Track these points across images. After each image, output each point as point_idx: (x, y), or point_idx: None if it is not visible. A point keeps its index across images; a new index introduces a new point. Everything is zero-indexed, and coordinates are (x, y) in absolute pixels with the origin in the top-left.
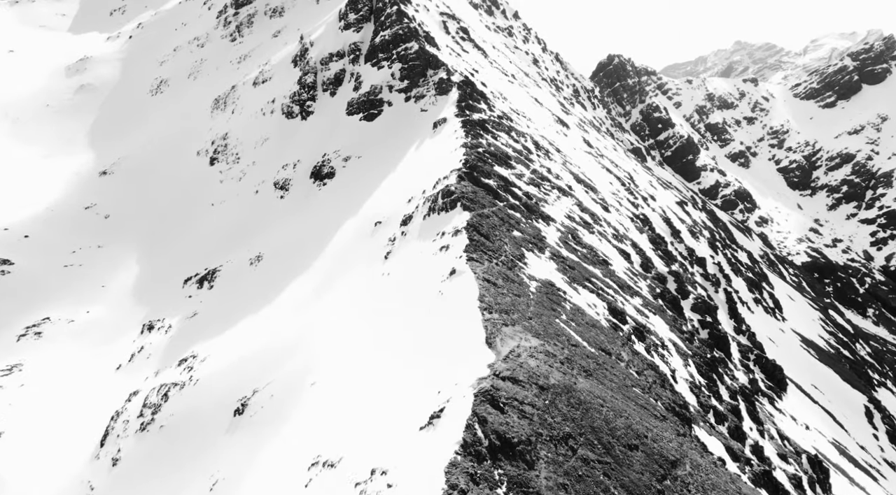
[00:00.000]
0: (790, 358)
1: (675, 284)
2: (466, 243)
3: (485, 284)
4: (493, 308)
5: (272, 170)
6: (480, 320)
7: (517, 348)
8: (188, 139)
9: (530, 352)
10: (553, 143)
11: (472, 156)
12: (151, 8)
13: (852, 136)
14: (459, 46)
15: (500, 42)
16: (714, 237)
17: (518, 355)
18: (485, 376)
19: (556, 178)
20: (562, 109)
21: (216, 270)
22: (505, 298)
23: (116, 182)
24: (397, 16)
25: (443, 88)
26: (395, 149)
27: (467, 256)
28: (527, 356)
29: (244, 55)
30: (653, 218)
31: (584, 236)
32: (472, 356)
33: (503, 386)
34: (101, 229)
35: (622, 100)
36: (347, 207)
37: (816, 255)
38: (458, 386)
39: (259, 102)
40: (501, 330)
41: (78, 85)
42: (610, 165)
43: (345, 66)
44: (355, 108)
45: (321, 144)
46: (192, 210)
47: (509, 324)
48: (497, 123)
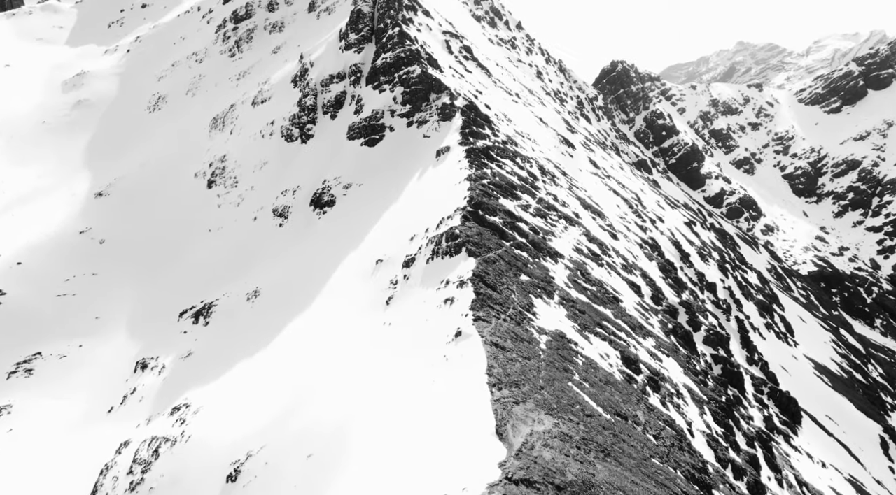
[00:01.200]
0: (804, 387)
1: (686, 315)
2: (472, 298)
3: (493, 350)
4: (502, 381)
5: (271, 196)
6: (489, 400)
7: (530, 437)
8: (186, 160)
9: (545, 440)
10: (559, 166)
11: (476, 190)
12: (150, 20)
13: (858, 143)
14: (463, 66)
15: (503, 56)
16: (723, 258)
17: (531, 447)
18: (496, 481)
19: (563, 206)
20: (567, 127)
21: (212, 305)
22: (514, 365)
23: (112, 204)
24: (399, 38)
25: (446, 114)
26: (397, 177)
27: (473, 315)
28: (541, 446)
29: (243, 72)
30: (661, 241)
31: (592, 270)
32: (481, 450)
33: (517, 492)
34: (96, 255)
35: (626, 107)
36: (348, 241)
37: (823, 264)
38: (465, 493)
39: (258, 123)
40: (512, 412)
41: (75, 100)
42: (617, 186)
43: (345, 89)
44: (356, 132)
45: (321, 170)
46: (189, 235)
47: (520, 402)
48: (501, 149)
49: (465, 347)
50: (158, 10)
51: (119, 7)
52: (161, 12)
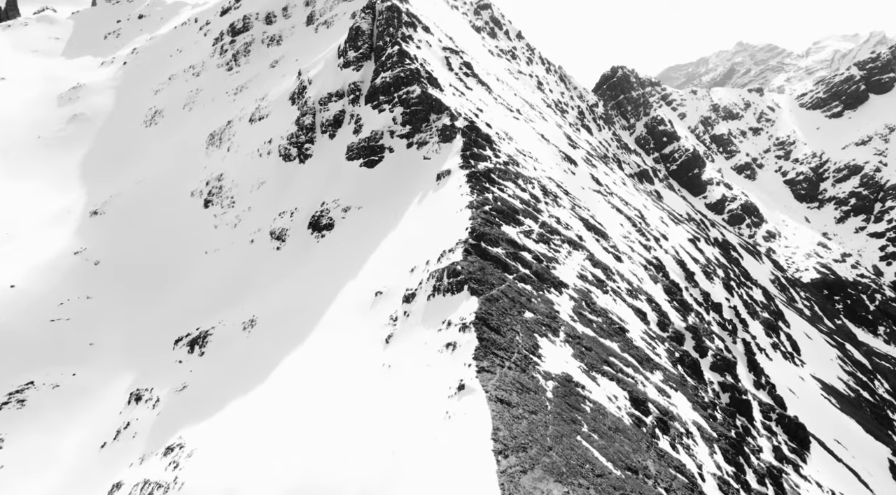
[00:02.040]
0: (811, 410)
1: (692, 341)
2: (476, 345)
3: (497, 408)
4: (508, 446)
5: (268, 218)
6: (495, 471)
7: None
8: (182, 177)
9: None
10: (561, 185)
11: (478, 219)
12: (146, 31)
13: (860, 147)
14: (463, 83)
15: (503, 68)
16: (728, 276)
17: None
18: None
19: (566, 228)
20: (568, 143)
21: (208, 333)
22: (521, 424)
23: (108, 223)
24: (398, 56)
25: (446, 136)
26: (397, 201)
27: (477, 366)
28: None
29: (240, 86)
30: (666, 261)
31: (597, 298)
32: None
33: None
34: (91, 277)
35: (626, 113)
36: (346, 269)
37: (826, 272)
38: None
39: (255, 141)
40: (520, 484)
41: (70, 114)
42: (619, 204)
43: (344, 107)
44: (355, 153)
45: (320, 191)
46: (186, 257)
47: (528, 470)
48: (503, 171)
49: (468, 403)
50: (155, 22)
51: (115, 17)
52: (158, 23)
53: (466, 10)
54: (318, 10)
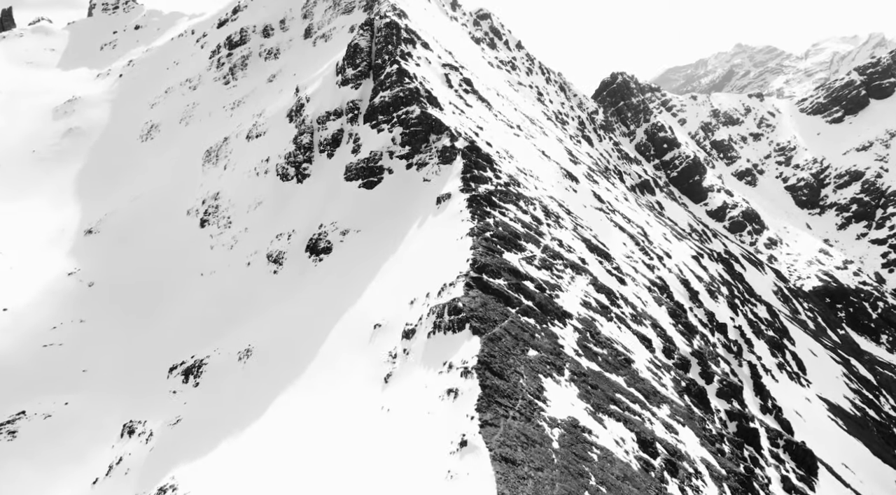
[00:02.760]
0: (819, 434)
1: (698, 366)
2: (479, 394)
3: (502, 468)
4: None
5: (265, 240)
6: None
7: None
8: (178, 195)
9: None
10: (563, 204)
11: (479, 248)
12: (143, 42)
13: (861, 153)
14: (463, 100)
15: (503, 80)
16: (732, 293)
17: None
18: None
19: (569, 251)
20: (569, 158)
21: (203, 362)
22: (526, 485)
23: (102, 243)
24: (397, 75)
25: (446, 157)
26: (396, 225)
27: (480, 419)
28: None
29: (238, 101)
30: (670, 280)
31: (602, 326)
32: None
33: None
34: (85, 300)
35: (626, 119)
36: (344, 297)
37: (828, 279)
38: None
39: (252, 159)
40: None
41: (66, 128)
42: (622, 222)
43: (343, 126)
44: (354, 173)
45: (318, 213)
46: (181, 279)
47: None
48: (504, 193)
49: (471, 463)
50: (151, 32)
51: (112, 28)
52: (154, 34)
53: (466, 20)
54: (316, 24)
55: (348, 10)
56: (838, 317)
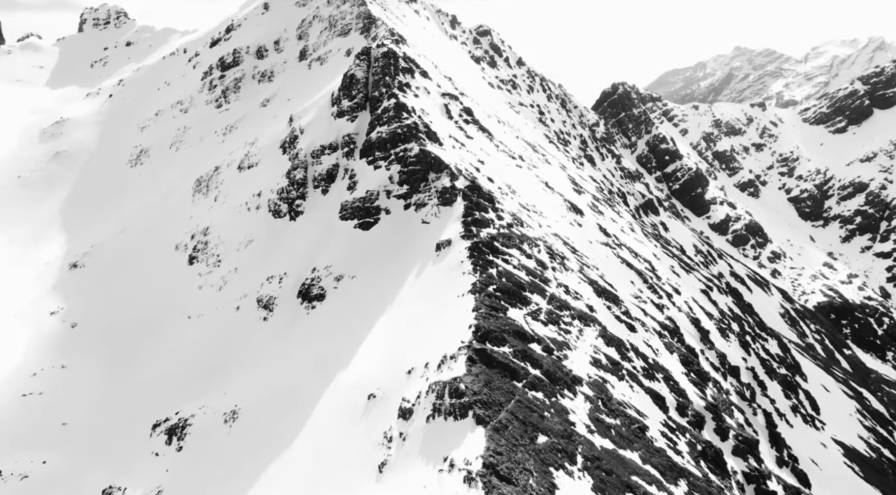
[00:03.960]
0: (836, 484)
1: (713, 422)
2: None
3: None
4: None
5: (256, 282)
6: None
7: None
8: (167, 227)
9: None
10: (568, 241)
11: (482, 309)
12: (134, 60)
13: (864, 164)
14: (463, 132)
15: (503, 102)
16: (743, 329)
17: None
18: None
19: (576, 298)
20: (573, 188)
21: (187, 422)
22: None
23: (87, 278)
24: (395, 110)
25: (446, 199)
26: (393, 273)
27: None
28: None
29: (230, 126)
30: (680, 320)
31: (614, 388)
32: None
33: None
34: (67, 342)
35: (627, 130)
36: (337, 356)
37: (832, 295)
38: None
39: (244, 193)
40: None
41: (53, 152)
42: (629, 257)
43: (338, 161)
44: (349, 212)
45: (311, 255)
46: (168, 321)
47: None
48: (507, 237)
49: None
50: (143, 50)
51: (102, 44)
52: (146, 51)
53: (465, 38)
54: (312, 45)
55: (345, 32)
56: (844, 334)
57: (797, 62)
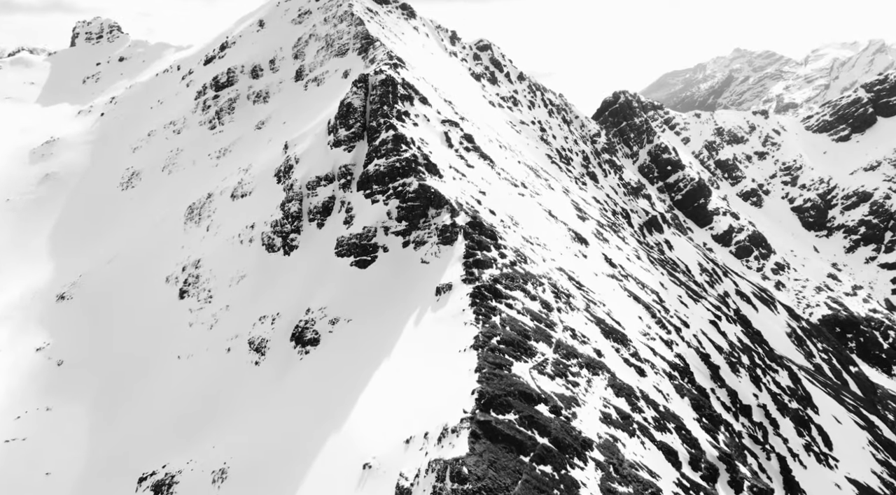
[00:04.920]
0: None
1: (727, 473)
2: None
3: None
4: None
5: (248, 321)
6: None
7: None
8: (157, 257)
9: None
10: (573, 275)
11: (485, 368)
12: (127, 76)
13: (868, 173)
14: (464, 161)
15: (505, 121)
16: (753, 361)
17: None
18: None
19: (583, 342)
20: (577, 215)
21: (174, 479)
22: None
23: (74, 311)
24: (393, 143)
25: (446, 237)
26: (391, 318)
27: None
28: None
29: (224, 149)
30: (689, 357)
31: (625, 447)
32: None
33: None
34: (53, 382)
35: (629, 140)
36: (331, 413)
37: (837, 307)
38: None
39: (237, 224)
40: None
41: (42, 174)
42: (636, 289)
43: (334, 193)
44: (346, 249)
45: (305, 293)
46: (157, 360)
47: None
48: (510, 278)
49: None
50: (136, 65)
51: (95, 60)
52: (139, 67)
53: (465, 55)
54: (308, 65)
55: (342, 52)
56: (849, 348)
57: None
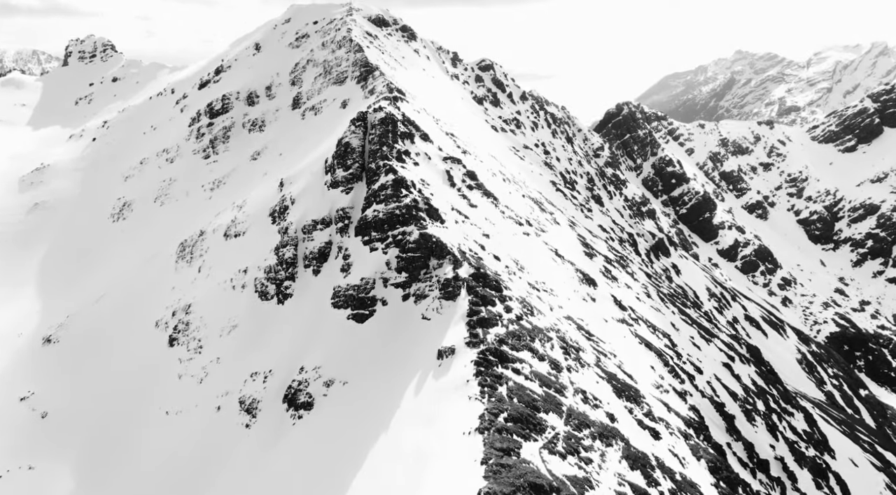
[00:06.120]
0: None
1: None
2: None
3: None
4: None
5: (238, 378)
6: None
7: None
8: (147, 298)
9: None
10: (582, 324)
11: (492, 458)
12: (120, 98)
13: (875, 185)
14: (466, 200)
15: (508, 148)
16: (769, 406)
17: None
18: None
19: (595, 407)
20: (584, 251)
21: None
22: None
23: (60, 356)
24: (393, 188)
25: (449, 293)
26: (390, 383)
27: None
28: None
29: (218, 180)
30: (704, 409)
31: None
32: None
33: None
34: (36, 437)
35: (633, 153)
36: (325, 487)
37: (845, 324)
38: None
39: (230, 267)
40: None
41: (31, 203)
42: (647, 334)
43: (331, 238)
44: (342, 300)
45: (299, 347)
46: (145, 414)
47: None
48: (517, 336)
49: None
50: (130, 86)
51: (88, 80)
52: (133, 88)
53: (468, 77)
54: (306, 93)
55: (340, 80)
56: (857, 366)
57: (799, 67)
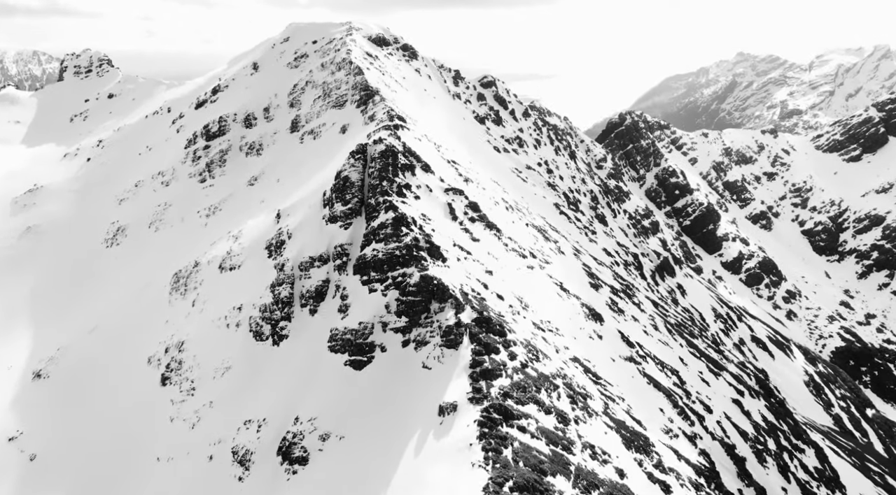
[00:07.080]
0: None
1: None
2: None
3: None
4: None
5: (232, 425)
6: None
7: None
8: (140, 331)
9: None
10: (589, 366)
11: None
12: (116, 114)
13: (881, 195)
14: (469, 234)
15: (510, 169)
16: (780, 444)
17: None
18: None
19: (604, 462)
20: (590, 282)
21: None
22: None
23: (50, 393)
24: (393, 226)
25: (451, 341)
26: (389, 441)
27: None
28: None
29: (214, 206)
30: (715, 453)
31: None
32: None
33: None
34: (24, 481)
35: (636, 163)
36: None
37: (851, 338)
38: None
39: (224, 303)
40: None
41: (24, 227)
42: (655, 372)
43: (329, 276)
44: (340, 345)
45: (295, 395)
46: (135, 460)
47: None
48: (522, 388)
49: None
50: (126, 103)
51: (83, 96)
52: (129, 105)
53: (469, 95)
54: (304, 116)
55: (339, 103)
56: (863, 381)
57: (801, 70)
